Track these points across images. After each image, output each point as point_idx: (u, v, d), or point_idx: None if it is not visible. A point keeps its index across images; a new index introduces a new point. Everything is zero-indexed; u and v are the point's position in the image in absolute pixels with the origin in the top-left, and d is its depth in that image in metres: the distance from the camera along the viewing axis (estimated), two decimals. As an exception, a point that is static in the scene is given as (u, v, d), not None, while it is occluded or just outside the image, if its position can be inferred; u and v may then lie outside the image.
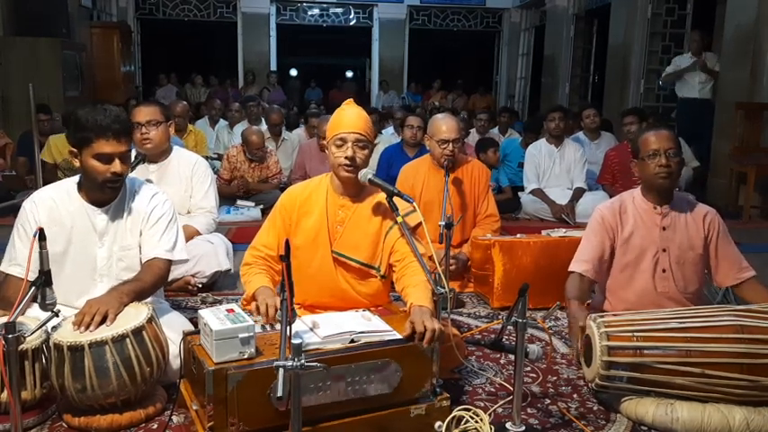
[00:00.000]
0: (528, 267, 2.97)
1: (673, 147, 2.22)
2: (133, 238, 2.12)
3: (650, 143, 2.24)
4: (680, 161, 2.25)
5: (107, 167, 1.98)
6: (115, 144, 1.96)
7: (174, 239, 2.16)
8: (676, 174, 2.25)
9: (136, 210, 2.12)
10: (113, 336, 1.79)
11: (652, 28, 7.88)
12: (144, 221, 2.13)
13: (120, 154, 1.99)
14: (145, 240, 2.13)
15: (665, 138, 2.23)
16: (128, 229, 2.11)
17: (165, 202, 2.18)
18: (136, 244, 2.13)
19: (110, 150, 1.96)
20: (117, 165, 1.98)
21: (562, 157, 4.94)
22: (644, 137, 2.28)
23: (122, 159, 2.00)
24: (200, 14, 12.14)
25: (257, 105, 6.60)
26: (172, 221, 2.17)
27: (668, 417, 1.90)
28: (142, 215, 2.12)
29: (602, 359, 1.93)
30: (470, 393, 2.14)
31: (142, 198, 2.15)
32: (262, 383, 1.62)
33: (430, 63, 14.75)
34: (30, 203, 2.09)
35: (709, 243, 2.30)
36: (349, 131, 1.99)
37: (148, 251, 2.12)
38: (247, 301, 2.08)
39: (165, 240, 2.14)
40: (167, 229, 2.15)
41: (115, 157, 1.97)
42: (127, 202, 2.12)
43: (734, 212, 5.14)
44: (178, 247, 2.18)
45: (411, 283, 1.96)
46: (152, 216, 2.13)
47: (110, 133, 1.95)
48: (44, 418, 1.90)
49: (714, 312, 2.04)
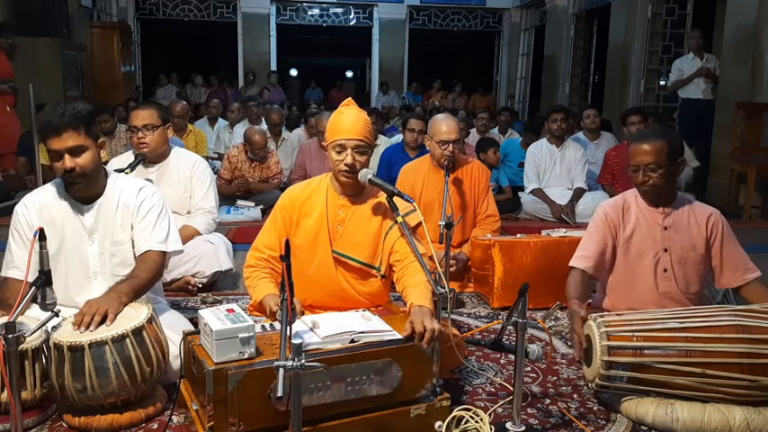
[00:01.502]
0: (528, 267, 2.98)
1: (651, 161, 2.18)
2: (124, 232, 2.11)
3: (632, 157, 2.23)
4: (663, 172, 2.19)
5: (60, 164, 1.96)
6: (57, 140, 1.93)
7: (167, 231, 2.15)
8: (660, 185, 2.21)
9: (124, 204, 2.11)
10: (113, 336, 1.79)
11: (652, 28, 7.88)
12: (134, 215, 2.11)
13: (68, 149, 1.94)
14: (136, 234, 2.11)
15: (643, 152, 2.19)
16: (117, 224, 2.10)
17: (153, 194, 2.17)
18: (128, 238, 2.12)
19: (56, 147, 1.94)
20: (66, 160, 1.95)
21: (563, 157, 4.94)
22: (631, 146, 2.26)
23: (71, 153, 1.95)
24: (200, 14, 12.15)
25: (257, 105, 6.60)
26: (162, 213, 2.16)
27: (668, 417, 1.90)
28: (131, 209, 2.11)
29: (603, 359, 1.93)
30: (470, 393, 2.14)
31: (129, 192, 2.13)
32: (262, 383, 1.62)
33: (430, 63, 14.76)
34: (21, 206, 2.10)
35: (711, 244, 2.29)
36: (348, 138, 1.99)
37: (141, 244, 2.11)
38: (254, 307, 2.08)
39: (157, 232, 2.12)
40: (158, 221, 2.13)
41: (63, 153, 1.94)
42: (114, 198, 2.11)
43: (734, 212, 5.14)
44: (171, 238, 2.16)
45: (411, 283, 1.96)
46: (141, 209, 2.12)
47: (51, 131, 1.93)
48: (44, 418, 1.90)
49: (714, 312, 2.03)
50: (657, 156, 2.18)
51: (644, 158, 2.19)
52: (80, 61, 7.78)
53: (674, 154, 2.21)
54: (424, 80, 12.99)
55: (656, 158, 2.18)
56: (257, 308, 2.07)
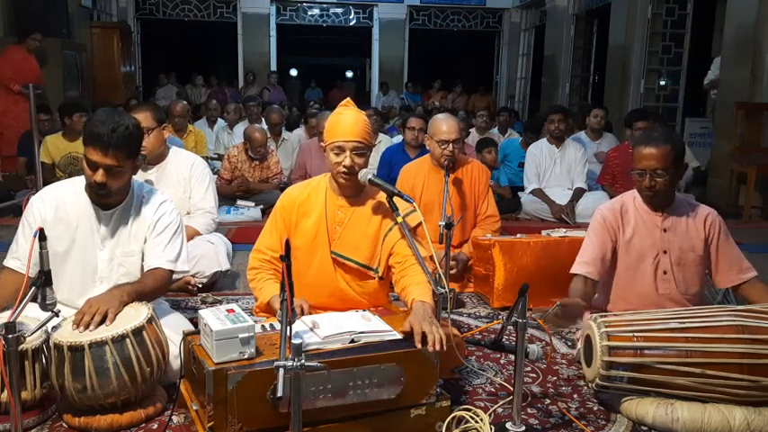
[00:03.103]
0: (528, 267, 2.97)
1: (659, 166, 2.17)
2: (137, 244, 2.11)
3: (638, 161, 2.22)
4: (669, 178, 2.18)
5: (92, 173, 1.98)
6: (101, 155, 1.94)
7: (179, 250, 2.15)
8: (664, 190, 2.21)
9: (143, 216, 2.11)
10: (113, 336, 1.79)
11: (652, 28, 7.87)
12: (150, 229, 2.11)
13: (106, 166, 1.95)
14: (148, 249, 2.11)
15: (650, 157, 2.17)
16: (132, 234, 2.10)
17: (172, 210, 2.17)
18: (139, 250, 2.12)
19: (95, 159, 1.95)
20: (99, 174, 1.96)
21: (563, 157, 4.93)
22: (636, 150, 2.24)
23: (108, 171, 1.96)
24: (200, 14, 12.14)
25: (257, 105, 6.59)
26: (178, 232, 2.16)
27: (668, 417, 1.90)
28: (148, 222, 2.11)
29: (603, 359, 1.92)
30: (470, 393, 2.14)
31: (150, 205, 2.13)
32: (262, 384, 1.62)
33: (430, 63, 14.75)
34: (37, 200, 2.09)
35: (709, 244, 2.29)
36: (347, 140, 1.98)
37: (151, 261, 2.11)
38: (261, 308, 2.09)
39: (170, 251, 2.12)
40: (172, 240, 2.13)
41: (100, 167, 1.96)
42: (134, 208, 2.11)
43: (734, 212, 5.14)
44: (181, 259, 2.16)
45: (412, 282, 1.96)
46: (158, 225, 2.12)
47: (98, 144, 1.94)
48: (44, 418, 1.89)
49: (714, 312, 2.03)
50: (664, 161, 2.17)
51: (650, 163, 2.18)
52: (80, 61, 7.77)
53: (679, 158, 2.21)
54: (424, 80, 12.99)
55: (662, 163, 2.17)
56: (264, 309, 2.07)
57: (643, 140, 2.24)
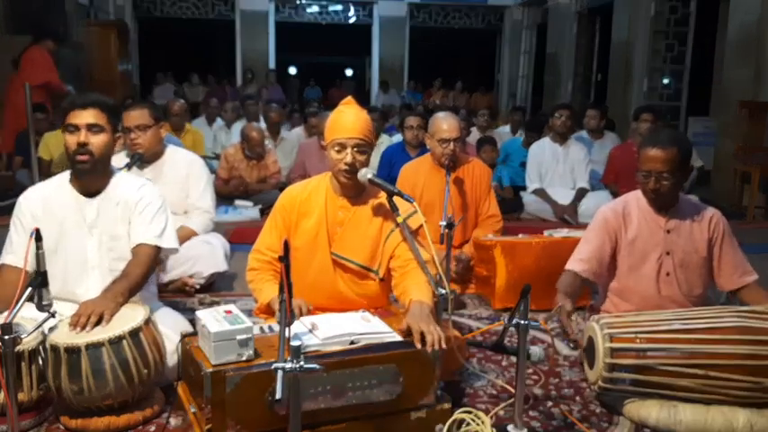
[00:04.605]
0: (530, 268, 2.95)
1: (665, 169, 2.14)
2: (123, 227, 2.12)
3: (643, 162, 2.18)
4: (675, 180, 2.16)
5: (74, 137, 2.01)
6: (80, 114, 2.01)
7: (163, 226, 2.16)
8: (669, 192, 2.18)
9: (124, 199, 2.13)
10: (110, 337, 1.78)
11: (655, 26, 7.84)
12: (132, 209, 2.13)
13: (87, 125, 2.01)
14: (133, 227, 2.13)
15: (656, 159, 2.14)
16: (117, 218, 2.12)
17: (153, 191, 2.19)
18: (125, 233, 2.13)
19: (76, 121, 2.01)
20: (81, 135, 2.00)
21: (566, 157, 4.88)
22: (642, 151, 2.20)
23: (89, 130, 2.01)
24: (198, 12, 12.12)
25: (256, 104, 6.57)
26: (161, 209, 2.17)
27: (671, 419, 1.88)
28: (131, 204, 2.13)
29: (605, 361, 1.91)
30: (472, 396, 2.12)
31: (131, 188, 2.16)
32: (260, 386, 1.60)
33: (431, 61, 14.71)
34: (24, 198, 2.13)
35: (713, 245, 2.27)
36: (348, 137, 1.96)
37: (136, 237, 2.12)
38: (261, 309, 2.07)
39: (153, 226, 2.13)
40: (156, 216, 2.14)
41: (80, 129, 2.01)
42: (116, 192, 2.13)
43: (738, 212, 5.11)
44: (167, 234, 2.16)
45: (411, 283, 1.95)
46: (140, 203, 2.13)
47: (76, 106, 2.03)
48: (41, 420, 1.88)
49: (718, 314, 2.02)
50: (671, 164, 2.14)
51: (656, 166, 2.15)
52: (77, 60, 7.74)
53: (685, 161, 2.18)
54: (425, 78, 12.95)
55: (669, 166, 2.14)
56: (264, 310, 2.05)
57: (649, 142, 2.20)
